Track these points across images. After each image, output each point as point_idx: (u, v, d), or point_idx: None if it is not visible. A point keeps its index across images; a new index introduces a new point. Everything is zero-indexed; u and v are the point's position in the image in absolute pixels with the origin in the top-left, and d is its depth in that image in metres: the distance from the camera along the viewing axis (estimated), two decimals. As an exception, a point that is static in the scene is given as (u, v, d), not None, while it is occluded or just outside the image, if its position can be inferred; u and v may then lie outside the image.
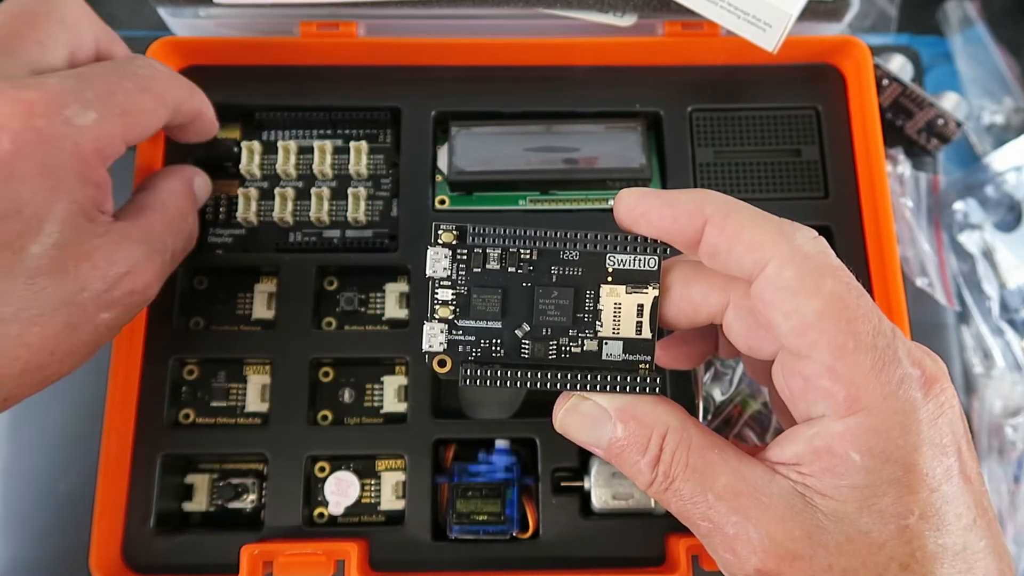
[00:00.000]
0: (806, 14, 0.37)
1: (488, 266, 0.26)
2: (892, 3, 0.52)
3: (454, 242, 0.26)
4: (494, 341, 0.26)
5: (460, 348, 0.26)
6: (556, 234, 0.26)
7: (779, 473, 0.24)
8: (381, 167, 0.38)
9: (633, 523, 0.33)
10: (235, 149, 0.37)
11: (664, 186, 0.37)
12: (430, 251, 0.26)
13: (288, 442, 0.34)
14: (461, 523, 0.33)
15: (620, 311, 0.26)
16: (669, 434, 0.25)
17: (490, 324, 0.26)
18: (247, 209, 0.37)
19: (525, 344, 0.26)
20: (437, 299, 0.26)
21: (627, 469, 0.25)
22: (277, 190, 0.37)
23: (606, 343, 0.26)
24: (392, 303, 0.37)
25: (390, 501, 0.35)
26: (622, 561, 0.33)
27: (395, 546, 0.33)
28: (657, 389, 0.26)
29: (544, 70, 0.39)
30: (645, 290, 0.26)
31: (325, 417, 0.36)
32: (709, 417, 0.37)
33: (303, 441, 0.34)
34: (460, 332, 0.26)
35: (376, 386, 0.36)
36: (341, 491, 0.35)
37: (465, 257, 0.26)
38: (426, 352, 0.26)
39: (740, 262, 0.24)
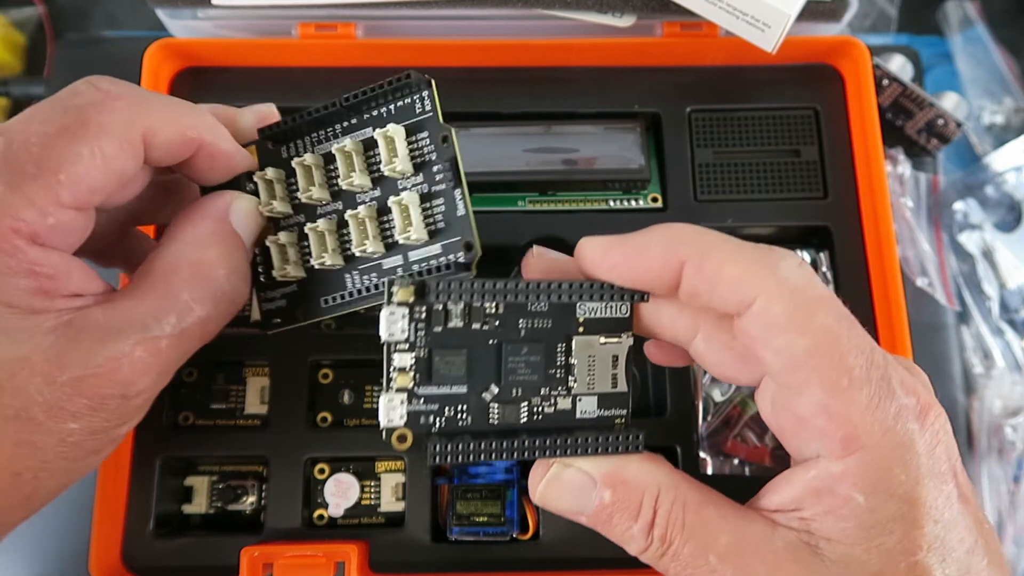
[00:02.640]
0: (805, 14, 0.37)
1: (450, 324, 0.24)
2: (892, 3, 0.52)
3: (412, 300, 0.23)
4: (460, 408, 0.24)
5: (422, 420, 0.24)
6: (523, 285, 0.24)
7: (780, 524, 0.23)
8: (427, 147, 0.27)
9: (633, 524, 0.33)
10: (248, 186, 0.28)
11: (663, 186, 0.37)
12: (384, 312, 0.23)
13: (288, 444, 0.34)
14: (461, 525, 0.33)
15: (594, 363, 0.25)
16: (662, 494, 0.23)
17: (455, 389, 0.24)
18: (284, 262, 0.29)
19: (494, 408, 0.24)
20: (394, 366, 0.24)
21: (617, 536, 0.24)
22: (308, 228, 0.28)
23: (580, 399, 0.25)
24: (391, 304, 0.37)
25: (390, 503, 0.35)
26: (622, 562, 0.33)
27: (395, 548, 0.33)
28: (640, 446, 0.24)
29: (543, 71, 0.38)
30: (619, 339, 0.25)
31: (325, 419, 0.36)
32: (709, 418, 0.37)
33: (303, 443, 0.34)
34: (422, 400, 0.24)
35: (376, 387, 0.36)
36: (341, 493, 0.35)
37: (425, 316, 0.24)
38: (384, 428, 0.24)
39: (724, 301, 0.23)
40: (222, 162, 0.27)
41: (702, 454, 0.35)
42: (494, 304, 0.24)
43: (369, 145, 0.27)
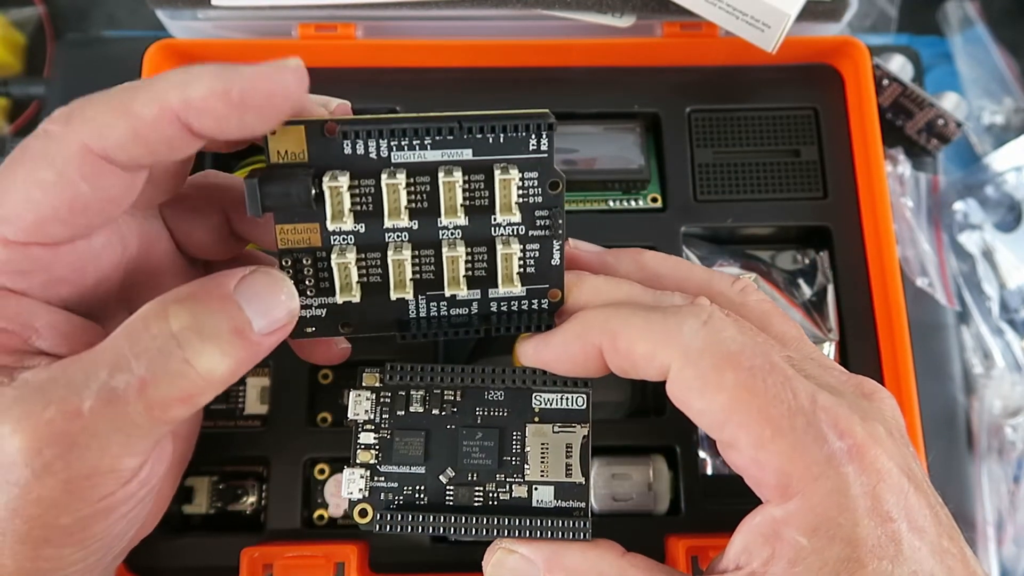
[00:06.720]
0: (805, 14, 0.37)
1: (411, 408, 0.26)
2: (892, 3, 0.52)
3: (378, 384, 0.26)
4: (417, 487, 0.26)
5: (382, 495, 0.26)
6: (482, 371, 0.26)
7: None
8: (533, 188, 0.25)
9: (633, 524, 0.33)
10: (309, 190, 0.24)
11: (663, 186, 0.37)
12: (352, 395, 0.26)
13: (288, 444, 0.34)
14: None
15: (547, 452, 0.26)
16: None
17: (413, 469, 0.26)
18: (347, 282, 0.25)
19: (449, 491, 0.26)
20: (359, 443, 0.26)
21: None
22: (392, 257, 0.25)
23: (536, 488, 0.26)
24: (391, 305, 0.37)
25: (390, 503, 0.35)
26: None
27: (395, 548, 0.33)
28: (587, 534, 0.25)
29: (542, 71, 0.38)
30: (573, 429, 0.26)
31: (325, 419, 0.36)
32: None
33: (303, 443, 0.34)
34: (382, 478, 0.26)
35: (375, 388, 0.36)
36: (341, 493, 0.35)
37: (389, 399, 0.26)
38: (346, 499, 0.26)
39: (647, 374, 0.24)
40: (224, 111, 0.21)
41: (702, 454, 0.35)
42: (453, 391, 0.26)
43: (468, 169, 0.24)
